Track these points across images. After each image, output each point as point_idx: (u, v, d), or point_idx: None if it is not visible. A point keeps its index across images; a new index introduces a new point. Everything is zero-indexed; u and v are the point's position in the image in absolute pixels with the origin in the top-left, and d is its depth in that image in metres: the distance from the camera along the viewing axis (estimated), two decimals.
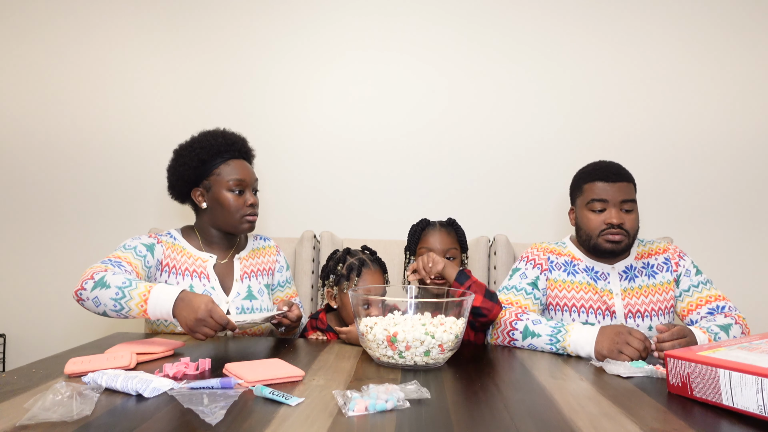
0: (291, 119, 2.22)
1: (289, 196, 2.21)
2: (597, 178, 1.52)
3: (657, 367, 1.14)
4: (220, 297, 1.51)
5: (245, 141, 1.63)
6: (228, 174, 1.52)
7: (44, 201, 2.26)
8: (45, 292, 2.25)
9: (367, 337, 1.17)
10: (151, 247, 1.48)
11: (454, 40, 2.19)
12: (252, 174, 1.58)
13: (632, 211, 1.50)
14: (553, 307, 1.57)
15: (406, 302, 1.30)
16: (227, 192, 1.52)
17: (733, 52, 2.13)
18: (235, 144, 1.57)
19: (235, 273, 1.56)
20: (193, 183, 1.55)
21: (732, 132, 2.14)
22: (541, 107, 2.18)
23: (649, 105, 2.16)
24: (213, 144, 1.53)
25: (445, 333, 1.15)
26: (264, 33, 2.22)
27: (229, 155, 1.55)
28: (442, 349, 1.14)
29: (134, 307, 1.22)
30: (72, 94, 2.25)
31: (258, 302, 1.56)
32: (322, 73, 2.22)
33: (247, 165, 1.58)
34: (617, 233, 1.48)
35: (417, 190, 2.20)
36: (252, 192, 1.57)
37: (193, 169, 1.53)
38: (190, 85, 2.23)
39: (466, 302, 1.22)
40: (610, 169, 1.52)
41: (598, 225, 1.50)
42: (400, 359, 1.13)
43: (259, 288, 1.59)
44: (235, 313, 1.51)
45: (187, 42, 2.23)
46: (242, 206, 1.53)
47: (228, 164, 1.53)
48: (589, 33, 2.17)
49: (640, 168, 2.10)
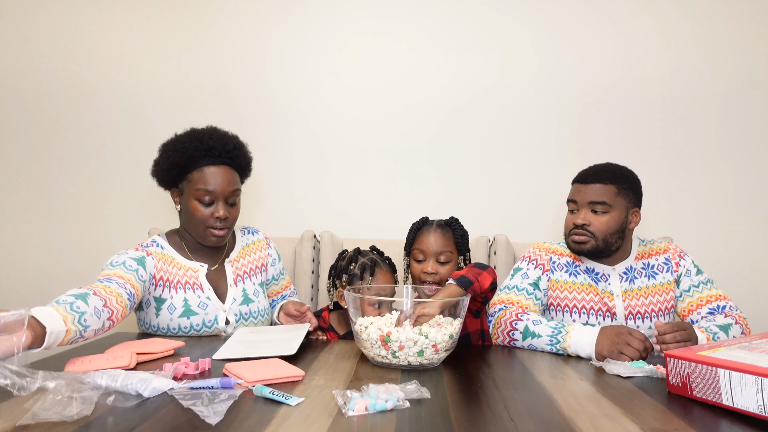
0: (291, 119, 2.22)
1: (289, 195, 2.21)
2: (576, 180, 1.56)
3: (657, 366, 1.14)
4: (217, 306, 1.47)
5: (229, 145, 1.48)
6: (197, 182, 1.43)
7: (44, 200, 2.26)
8: (45, 292, 2.25)
9: (361, 337, 1.17)
10: (142, 260, 1.41)
11: (457, 39, 2.19)
12: (227, 183, 1.44)
13: (605, 213, 1.48)
14: (554, 307, 1.57)
15: (403, 302, 1.30)
16: (195, 201, 1.44)
17: (735, 52, 2.13)
18: (213, 149, 1.44)
19: (228, 278, 1.52)
20: (171, 183, 1.49)
21: (732, 133, 2.14)
22: (542, 107, 2.18)
23: (650, 105, 2.16)
24: (188, 148, 1.43)
25: (439, 333, 1.14)
26: (264, 32, 2.22)
27: (205, 161, 1.43)
28: (436, 350, 1.14)
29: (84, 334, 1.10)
30: (71, 92, 2.25)
31: (255, 305, 1.54)
32: (323, 72, 2.22)
33: (225, 172, 1.45)
34: (581, 234, 1.50)
35: (417, 190, 2.20)
36: (225, 203, 1.45)
37: (165, 171, 1.47)
38: (190, 85, 2.23)
39: (462, 302, 1.21)
40: (588, 171, 1.53)
41: (568, 225, 1.54)
42: (394, 359, 1.13)
43: (254, 290, 1.56)
44: (234, 320, 1.49)
45: (190, 40, 2.23)
46: (208, 218, 1.44)
47: (201, 171, 1.43)
48: (593, 31, 2.17)
49: (641, 168, 2.09)
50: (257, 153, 2.24)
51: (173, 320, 1.44)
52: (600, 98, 2.17)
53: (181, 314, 1.44)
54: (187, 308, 1.45)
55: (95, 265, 2.18)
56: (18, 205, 2.26)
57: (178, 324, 1.44)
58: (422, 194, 2.20)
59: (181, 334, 1.45)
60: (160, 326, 1.45)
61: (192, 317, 1.45)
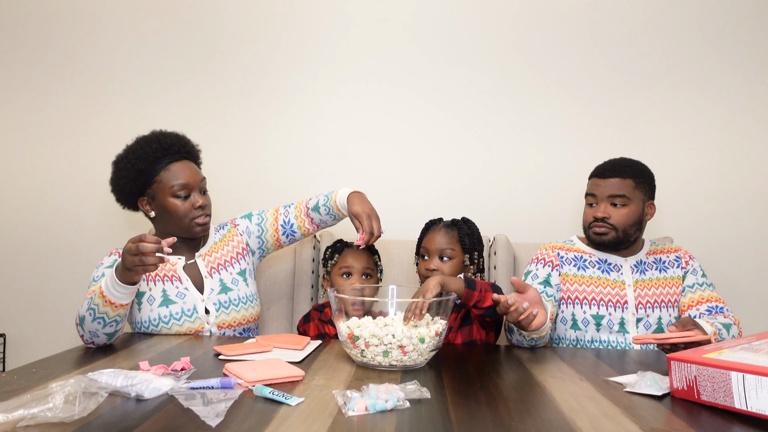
0: (292, 120, 2.22)
1: (289, 196, 2.21)
2: (593, 174, 1.63)
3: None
4: (195, 296, 1.49)
5: (184, 140, 1.55)
6: (170, 180, 1.47)
7: (44, 200, 2.25)
8: (45, 292, 2.25)
9: (341, 334, 1.17)
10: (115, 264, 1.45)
11: (456, 47, 2.19)
12: (196, 174, 1.51)
13: (625, 206, 1.56)
14: (565, 300, 1.61)
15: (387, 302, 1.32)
16: (172, 198, 1.48)
17: (736, 55, 2.13)
18: (172, 147, 1.50)
19: (202, 270, 1.54)
20: (138, 193, 1.51)
21: (733, 132, 2.14)
22: (541, 108, 2.18)
23: (649, 107, 2.16)
24: (148, 151, 1.47)
25: (405, 335, 1.11)
26: (268, 36, 2.21)
27: (168, 159, 1.48)
28: (403, 351, 1.11)
29: (107, 309, 1.26)
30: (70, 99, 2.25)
31: (235, 293, 1.54)
32: (324, 72, 2.22)
33: (189, 165, 1.51)
34: (602, 226, 1.57)
35: (416, 191, 2.20)
36: (200, 192, 1.52)
37: (132, 180, 1.48)
38: (189, 84, 2.23)
39: (447, 303, 1.19)
40: (606, 165, 1.61)
41: (588, 218, 1.61)
42: (363, 358, 1.13)
43: (232, 278, 1.56)
44: (214, 309, 1.50)
45: (190, 48, 2.23)
46: (190, 210, 1.49)
47: (168, 170, 1.48)
48: (588, 36, 2.17)
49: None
50: (259, 153, 2.26)
51: (153, 311, 1.46)
52: (601, 99, 2.17)
53: (160, 304, 1.47)
54: (165, 297, 1.48)
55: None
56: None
57: (158, 314, 1.46)
58: (422, 194, 2.20)
59: (162, 326, 1.46)
60: (142, 320, 1.47)
61: (171, 306, 1.47)
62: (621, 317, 1.56)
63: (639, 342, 1.25)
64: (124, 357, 1.22)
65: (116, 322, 1.29)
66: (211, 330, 1.49)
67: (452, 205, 2.18)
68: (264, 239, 1.66)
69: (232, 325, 1.52)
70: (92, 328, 1.28)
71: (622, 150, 2.13)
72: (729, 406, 0.90)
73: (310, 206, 1.65)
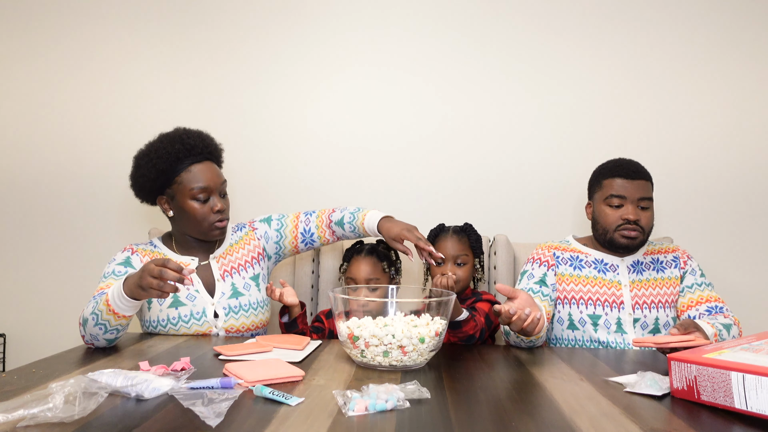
0: (294, 121, 2.22)
1: (290, 196, 2.21)
2: (617, 175, 1.57)
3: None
4: (205, 299, 1.48)
5: (208, 140, 1.52)
6: (190, 182, 1.45)
7: (44, 201, 2.26)
8: (45, 292, 2.25)
9: (341, 334, 1.17)
10: (127, 261, 1.46)
11: (455, 48, 2.19)
12: (217, 177, 1.49)
13: (648, 209, 1.55)
14: (561, 300, 1.60)
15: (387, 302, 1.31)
16: (192, 201, 1.45)
17: (736, 55, 2.13)
18: (194, 148, 1.47)
19: (215, 273, 1.53)
20: (157, 192, 1.49)
21: (733, 133, 2.14)
22: (541, 109, 2.18)
23: (648, 107, 2.16)
24: (171, 151, 1.45)
25: (405, 336, 1.10)
26: (269, 37, 2.21)
27: (190, 161, 1.46)
28: (403, 351, 1.11)
29: (110, 317, 1.25)
30: (70, 102, 2.25)
31: (245, 298, 1.53)
32: (324, 72, 2.22)
33: (211, 168, 1.49)
34: (633, 229, 1.53)
35: (416, 191, 2.20)
36: (219, 196, 1.49)
37: (152, 180, 1.46)
38: (190, 83, 2.23)
39: (447, 303, 1.19)
40: (630, 167, 1.58)
41: (614, 220, 1.55)
42: (363, 358, 1.13)
43: (244, 283, 1.54)
44: (223, 313, 1.49)
45: (188, 46, 2.23)
46: (209, 213, 1.47)
47: (189, 171, 1.45)
48: (586, 36, 2.17)
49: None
50: (260, 153, 2.26)
51: (162, 311, 1.46)
52: (600, 100, 2.17)
53: (170, 305, 1.46)
54: (175, 299, 1.46)
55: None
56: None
57: (167, 315, 1.46)
58: (422, 195, 2.20)
59: (170, 327, 1.46)
60: (150, 320, 1.47)
61: (180, 308, 1.46)
62: (618, 317, 1.55)
63: (639, 345, 1.25)
64: (125, 357, 1.22)
65: (117, 330, 1.28)
66: (218, 334, 1.48)
67: (453, 205, 2.18)
68: (282, 245, 1.65)
69: (240, 330, 1.51)
70: (94, 331, 1.28)
71: (622, 150, 2.13)
72: (729, 406, 0.90)
73: (333, 219, 1.63)
